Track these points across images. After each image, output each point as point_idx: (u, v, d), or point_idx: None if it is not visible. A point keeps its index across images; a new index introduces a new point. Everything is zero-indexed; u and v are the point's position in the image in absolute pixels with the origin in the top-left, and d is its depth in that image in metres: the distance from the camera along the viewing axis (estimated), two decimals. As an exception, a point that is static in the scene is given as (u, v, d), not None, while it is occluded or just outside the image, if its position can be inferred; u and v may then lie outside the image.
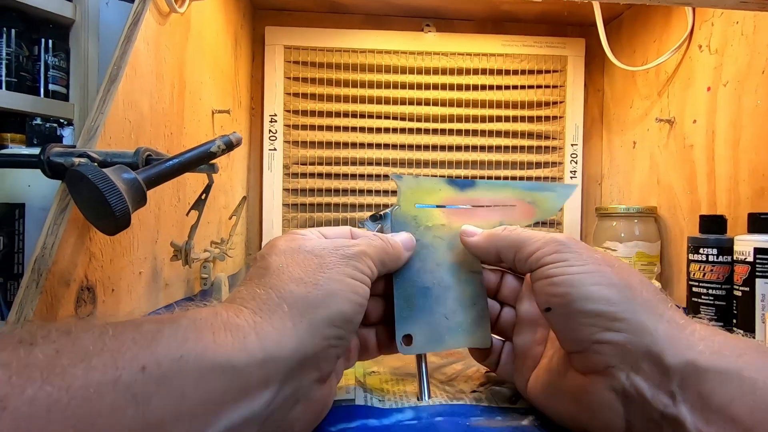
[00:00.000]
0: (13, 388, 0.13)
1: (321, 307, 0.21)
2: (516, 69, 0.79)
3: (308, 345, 0.21)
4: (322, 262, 0.23)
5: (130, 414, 0.15)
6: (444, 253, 0.30)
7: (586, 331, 0.22)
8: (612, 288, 0.22)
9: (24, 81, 0.62)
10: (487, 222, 0.31)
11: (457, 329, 0.29)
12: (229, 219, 0.65)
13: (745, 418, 0.18)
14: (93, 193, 0.25)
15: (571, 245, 0.24)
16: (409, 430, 0.25)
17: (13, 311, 0.27)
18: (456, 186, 0.31)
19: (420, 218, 0.30)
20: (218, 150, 0.33)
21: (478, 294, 0.30)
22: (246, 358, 0.19)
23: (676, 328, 0.21)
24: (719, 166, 0.54)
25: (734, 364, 0.19)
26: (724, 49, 0.54)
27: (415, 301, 0.29)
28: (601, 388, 0.22)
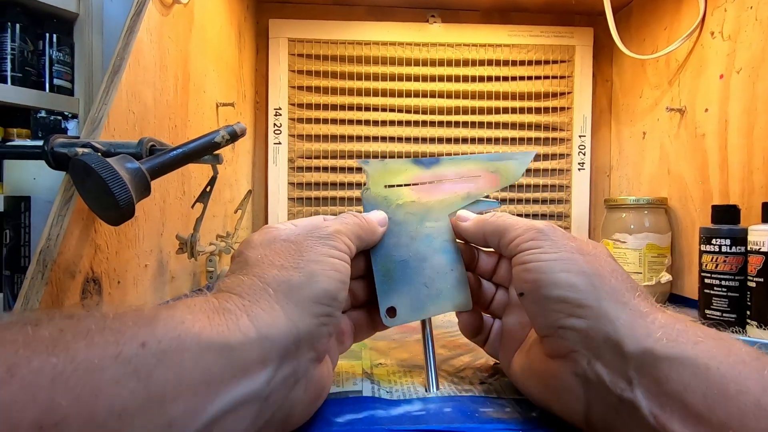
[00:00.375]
0: (19, 359, 0.14)
1: (304, 287, 0.22)
2: (523, 59, 0.78)
3: (300, 324, 0.21)
4: (299, 247, 0.24)
5: (131, 387, 0.15)
6: (417, 227, 0.31)
7: (552, 317, 0.23)
8: (580, 276, 0.23)
9: (29, 76, 0.62)
10: (455, 194, 0.32)
11: (438, 296, 0.30)
12: (235, 213, 0.64)
13: (697, 402, 0.18)
14: (96, 183, 0.25)
15: (548, 233, 0.25)
16: (418, 421, 0.25)
17: (19, 302, 0.27)
18: (421, 164, 0.33)
19: (390, 197, 0.31)
20: (222, 140, 0.32)
21: (454, 260, 0.31)
22: (241, 337, 0.19)
23: (638, 316, 0.22)
24: (732, 155, 0.53)
25: (690, 351, 0.20)
26: (737, 35, 0.53)
27: (394, 274, 0.30)
28: (565, 372, 0.23)
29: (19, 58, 0.61)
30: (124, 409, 0.15)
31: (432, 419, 0.25)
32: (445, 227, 0.32)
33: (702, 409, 0.18)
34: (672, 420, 0.19)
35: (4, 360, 0.14)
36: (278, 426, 0.22)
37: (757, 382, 0.18)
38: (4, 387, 0.13)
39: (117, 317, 0.17)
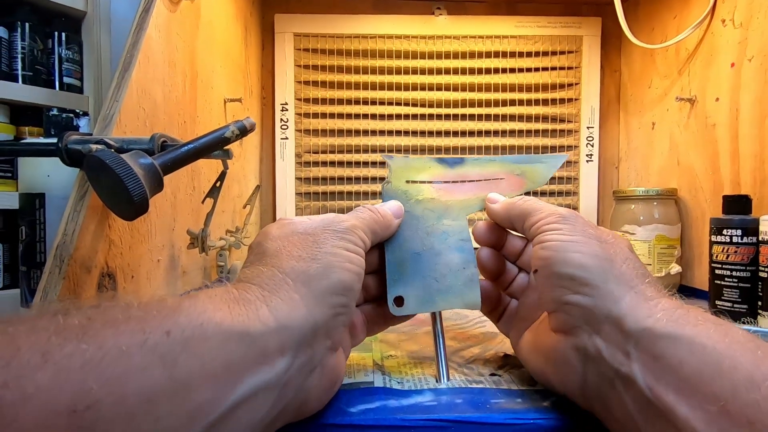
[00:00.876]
0: (52, 346, 0.15)
1: (322, 278, 0.23)
2: (530, 51, 0.78)
3: (317, 313, 0.22)
4: (316, 239, 0.24)
5: (157, 373, 0.16)
6: (434, 224, 0.31)
7: (559, 292, 0.24)
8: (592, 258, 0.24)
9: (39, 74, 0.63)
10: (476, 196, 0.32)
11: (448, 291, 0.30)
12: (243, 208, 0.65)
13: (692, 376, 0.19)
14: (111, 179, 0.25)
15: (570, 218, 0.26)
16: (429, 411, 0.25)
17: (38, 296, 0.28)
18: (445, 164, 0.33)
19: (410, 192, 0.32)
20: (232, 135, 0.33)
21: (468, 260, 0.31)
22: (261, 326, 0.20)
23: (643, 299, 0.23)
24: (743, 145, 0.52)
25: (689, 331, 0.20)
26: (749, 23, 0.52)
27: (406, 265, 0.30)
28: (566, 345, 0.24)
29: (29, 57, 0.62)
30: (152, 394, 0.16)
31: (443, 409, 0.26)
32: (462, 227, 0.32)
33: (696, 383, 0.19)
34: (667, 391, 0.20)
35: (38, 346, 0.15)
36: (294, 412, 0.23)
37: (750, 360, 0.19)
38: (39, 372, 0.14)
39: (141, 307, 0.18)
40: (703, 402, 0.19)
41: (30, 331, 0.15)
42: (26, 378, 0.14)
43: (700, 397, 0.19)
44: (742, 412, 0.18)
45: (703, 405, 0.19)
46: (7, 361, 0.14)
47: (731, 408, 0.18)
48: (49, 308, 0.17)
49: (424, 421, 0.25)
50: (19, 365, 0.14)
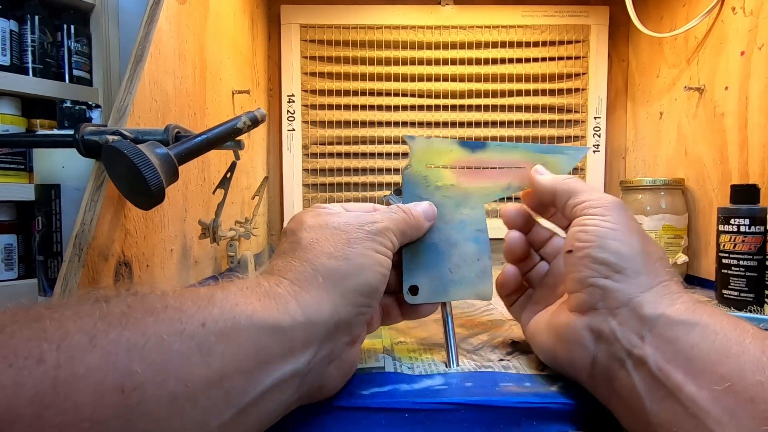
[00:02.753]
0: (98, 331, 0.16)
1: (351, 278, 0.23)
2: (537, 41, 0.77)
3: (342, 312, 0.23)
4: (349, 237, 0.25)
5: (195, 360, 0.17)
6: (452, 212, 0.31)
7: (587, 273, 0.25)
8: (628, 248, 0.25)
9: (49, 67, 0.63)
10: (495, 183, 0.32)
11: (461, 282, 0.31)
12: (252, 199, 0.66)
13: (702, 358, 0.20)
14: (128, 169, 0.26)
15: (615, 208, 0.26)
16: (440, 395, 0.26)
17: (59, 284, 0.29)
18: (467, 147, 0.32)
19: (430, 178, 0.31)
20: (244, 126, 0.33)
21: (482, 251, 0.31)
22: (290, 321, 0.21)
23: (666, 291, 0.24)
24: (752, 135, 0.52)
25: (702, 320, 0.21)
26: (759, 10, 0.51)
27: (421, 255, 0.30)
28: (580, 325, 0.25)
29: (39, 50, 0.62)
30: (190, 380, 0.17)
31: (454, 393, 0.26)
32: (479, 216, 0.32)
33: (705, 364, 0.20)
34: (677, 372, 0.21)
35: (86, 331, 0.16)
36: (311, 397, 0.24)
37: (759, 347, 0.20)
38: (89, 354, 0.15)
39: (176, 297, 0.19)
40: (710, 382, 0.20)
41: (76, 316, 0.16)
42: (77, 359, 0.15)
43: (707, 377, 0.20)
44: (746, 391, 0.19)
45: (710, 385, 0.19)
46: (58, 344, 0.15)
47: (736, 388, 0.19)
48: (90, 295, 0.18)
49: (434, 404, 0.25)
50: (69, 347, 0.15)
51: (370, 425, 0.25)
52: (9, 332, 0.15)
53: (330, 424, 0.25)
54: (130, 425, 0.15)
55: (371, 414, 0.25)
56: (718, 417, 0.19)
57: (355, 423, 0.25)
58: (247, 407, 0.19)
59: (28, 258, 0.65)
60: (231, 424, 0.18)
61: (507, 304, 0.34)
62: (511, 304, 0.34)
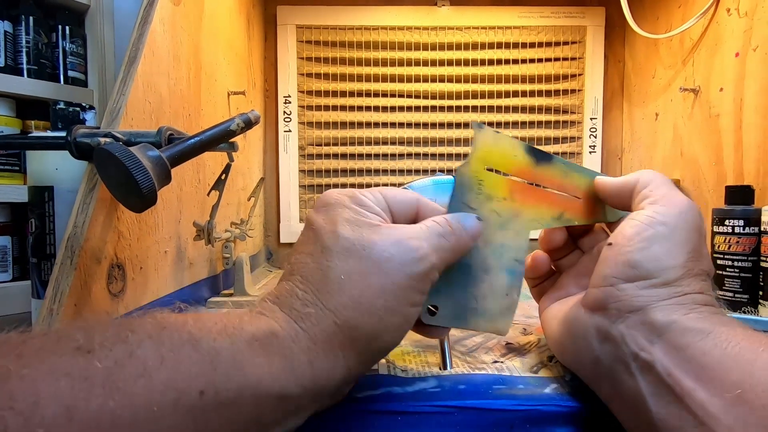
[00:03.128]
0: (77, 400, 0.14)
1: (373, 339, 0.21)
2: (533, 42, 0.77)
3: (353, 371, 0.22)
4: (384, 284, 0.21)
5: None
6: (494, 232, 0.28)
7: (615, 272, 0.24)
8: (672, 260, 0.23)
9: (44, 68, 0.63)
10: (549, 208, 0.29)
11: (483, 314, 0.28)
12: (248, 200, 0.66)
13: (713, 365, 0.20)
14: (120, 171, 0.26)
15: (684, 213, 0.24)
16: (433, 398, 0.26)
17: (50, 288, 0.28)
18: (533, 156, 0.28)
19: (484, 184, 0.28)
20: (237, 128, 0.33)
21: (513, 285, 0.28)
22: (300, 390, 0.19)
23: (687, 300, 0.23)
24: (747, 136, 0.52)
25: (715, 329, 0.21)
26: (754, 12, 0.51)
27: (451, 274, 0.27)
28: (589, 323, 0.25)
29: (33, 51, 0.62)
30: None
31: (447, 396, 0.26)
32: (521, 245, 0.28)
33: (716, 371, 0.20)
34: (686, 378, 0.20)
35: (61, 399, 0.13)
36: None
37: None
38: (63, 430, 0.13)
39: (173, 349, 0.16)
40: (722, 389, 0.19)
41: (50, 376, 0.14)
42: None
43: (718, 384, 0.19)
44: (759, 398, 0.18)
45: (721, 392, 0.19)
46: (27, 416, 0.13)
47: (748, 395, 0.18)
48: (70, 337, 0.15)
49: (428, 407, 0.25)
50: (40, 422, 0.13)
51: (363, 428, 0.25)
52: None
53: (323, 427, 0.25)
54: None
55: (364, 417, 0.25)
56: (729, 425, 0.18)
57: (347, 426, 0.25)
58: None
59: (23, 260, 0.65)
60: None
61: (530, 285, 0.34)
62: (534, 285, 0.33)
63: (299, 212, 0.78)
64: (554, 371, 0.30)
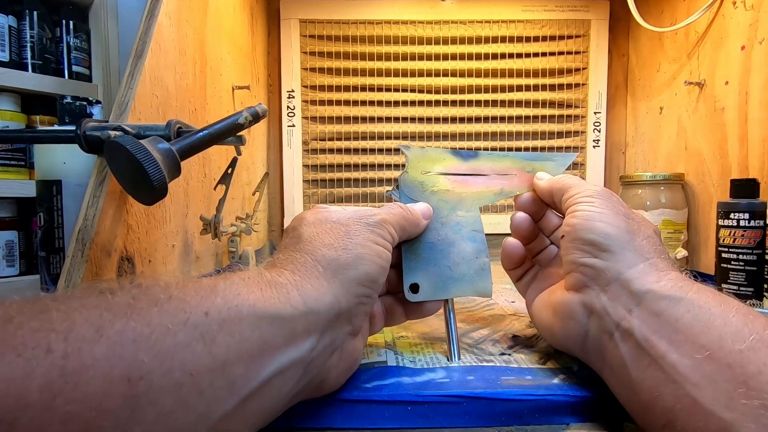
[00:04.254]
0: (104, 322, 0.16)
1: (350, 268, 0.24)
2: (537, 35, 0.77)
3: (342, 301, 0.23)
4: (348, 229, 0.25)
5: (198, 349, 0.17)
6: (448, 214, 0.32)
7: (578, 254, 0.27)
8: (615, 229, 0.26)
9: (49, 63, 0.63)
10: (488, 189, 0.34)
11: (461, 279, 0.32)
12: (253, 195, 0.66)
13: (685, 330, 0.21)
14: (131, 164, 0.26)
15: (603, 195, 0.28)
16: (442, 388, 0.26)
17: (62, 280, 0.29)
18: (459, 156, 0.34)
19: (426, 183, 0.33)
20: (245, 121, 0.33)
21: (479, 249, 0.32)
22: (291, 310, 0.21)
23: (654, 269, 0.25)
24: (752, 129, 0.52)
25: (689, 295, 0.23)
26: (760, 5, 0.51)
27: (420, 254, 0.31)
28: (574, 301, 0.27)
29: (38, 46, 0.62)
30: (194, 368, 0.17)
31: (456, 386, 0.26)
32: (474, 217, 0.33)
33: (688, 334, 0.21)
34: (660, 342, 0.22)
35: (92, 322, 0.16)
36: (313, 390, 0.24)
37: (741, 320, 0.21)
38: (95, 345, 0.15)
39: (179, 288, 0.19)
40: (691, 351, 0.21)
41: (82, 308, 0.16)
42: (84, 350, 0.15)
43: (688, 346, 0.21)
44: (725, 358, 0.20)
45: (691, 353, 0.21)
46: (65, 335, 0.15)
47: (716, 355, 0.20)
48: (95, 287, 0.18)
49: (437, 397, 0.25)
50: (76, 338, 0.15)
51: (374, 417, 0.25)
52: (17, 323, 0.15)
53: (334, 417, 0.25)
54: (136, 414, 0.15)
55: (374, 406, 0.25)
56: (696, 381, 0.20)
57: (358, 415, 0.25)
58: (250, 396, 0.19)
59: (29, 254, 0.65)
60: (234, 413, 0.18)
61: (513, 279, 0.35)
62: (517, 279, 0.35)
63: (303, 207, 0.78)
64: (562, 362, 0.30)
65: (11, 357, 0.14)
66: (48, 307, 0.16)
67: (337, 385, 0.26)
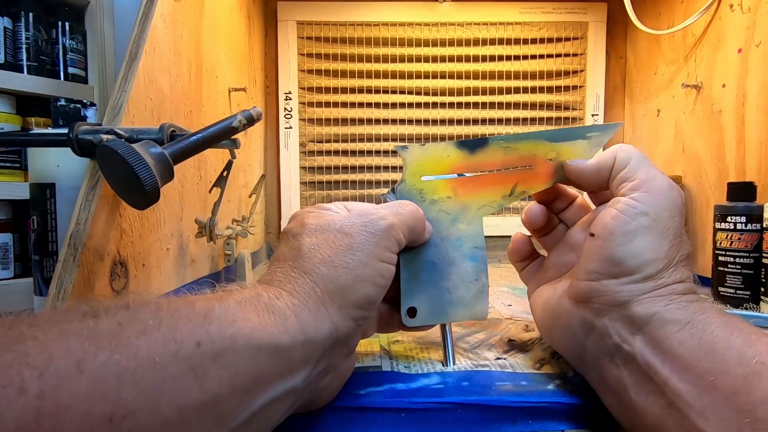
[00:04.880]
0: (86, 354, 0.15)
1: (349, 291, 0.23)
2: (534, 38, 0.77)
3: (340, 327, 0.22)
4: (351, 242, 0.23)
5: (189, 384, 0.16)
6: (448, 228, 0.30)
7: (598, 267, 0.24)
8: (654, 254, 0.23)
9: (44, 65, 0.63)
10: (496, 190, 0.29)
11: (459, 303, 0.30)
12: (249, 197, 0.66)
13: (688, 354, 0.21)
14: (123, 168, 0.26)
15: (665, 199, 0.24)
16: (436, 394, 0.26)
17: (53, 285, 0.28)
18: (466, 148, 0.29)
19: (425, 191, 0.29)
20: (240, 125, 0.33)
21: (479, 269, 0.30)
22: (289, 339, 0.20)
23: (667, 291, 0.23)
24: (749, 132, 0.52)
25: (693, 318, 0.22)
26: (757, 8, 0.51)
27: (420, 275, 0.29)
28: (574, 315, 0.26)
29: (33, 48, 0.62)
30: (183, 404, 0.16)
31: (451, 392, 0.26)
32: (476, 232, 0.30)
33: (691, 360, 0.21)
34: (663, 367, 0.21)
35: (72, 355, 0.14)
36: (303, 407, 0.23)
37: (744, 342, 0.20)
38: (75, 381, 0.14)
39: (170, 312, 0.18)
40: (695, 377, 0.20)
41: (61, 336, 0.15)
42: (62, 388, 0.14)
43: (692, 372, 0.20)
44: (729, 384, 0.19)
45: (695, 380, 0.20)
46: (41, 370, 0.14)
47: (719, 381, 0.20)
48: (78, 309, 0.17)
49: (431, 404, 0.25)
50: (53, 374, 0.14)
51: (367, 425, 0.25)
52: None
53: (327, 424, 0.25)
54: None
55: (368, 413, 0.25)
56: (701, 410, 0.20)
57: (351, 422, 0.25)
58: (243, 425, 0.18)
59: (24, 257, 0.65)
60: None
61: (518, 269, 0.34)
62: (522, 269, 0.33)
63: (300, 209, 0.78)
64: (557, 368, 0.30)
65: None
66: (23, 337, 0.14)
67: (328, 401, 0.25)
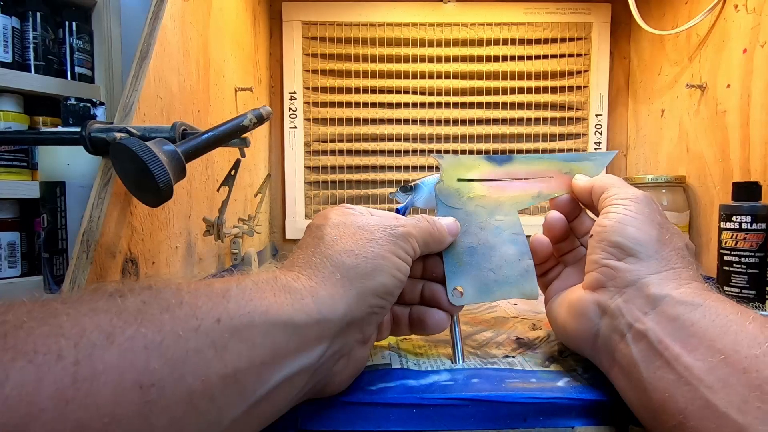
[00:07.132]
0: (115, 328, 0.16)
1: (368, 278, 0.24)
2: (538, 38, 0.77)
3: (355, 310, 0.23)
4: (371, 237, 0.25)
5: (210, 356, 0.17)
6: (486, 219, 0.32)
7: (602, 254, 0.27)
8: (645, 235, 0.26)
9: (51, 64, 0.63)
10: (526, 193, 0.33)
11: (505, 282, 0.31)
12: (255, 197, 0.66)
13: (701, 334, 0.22)
14: (137, 166, 0.26)
15: (641, 200, 0.28)
16: (446, 391, 0.26)
17: (67, 281, 0.29)
18: (494, 162, 0.33)
19: (462, 190, 0.33)
20: (250, 123, 0.33)
21: (522, 252, 0.32)
22: (304, 317, 0.21)
23: (676, 276, 0.25)
24: (754, 132, 0.52)
25: (706, 302, 0.23)
26: (762, 8, 0.51)
27: (462, 258, 0.31)
28: (589, 300, 0.27)
29: (41, 47, 0.62)
30: (206, 375, 0.17)
31: (460, 388, 0.26)
32: (513, 221, 0.33)
33: (704, 339, 0.21)
34: (675, 345, 0.22)
35: (102, 328, 0.15)
36: (317, 392, 0.24)
37: (757, 327, 0.21)
38: (106, 352, 0.15)
39: (191, 292, 0.19)
40: (707, 354, 0.21)
41: (92, 312, 0.16)
42: (95, 357, 0.15)
43: (704, 350, 0.21)
44: (740, 362, 0.20)
45: (706, 357, 0.21)
46: (76, 341, 0.15)
47: (731, 359, 0.20)
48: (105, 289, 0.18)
49: (442, 400, 0.26)
50: (87, 344, 0.15)
51: (379, 420, 0.25)
52: (27, 328, 0.14)
53: (338, 419, 0.25)
54: (148, 422, 0.15)
55: (380, 409, 0.25)
56: (710, 384, 0.20)
57: (364, 418, 0.25)
58: (259, 401, 0.19)
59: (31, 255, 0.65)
60: (243, 418, 0.18)
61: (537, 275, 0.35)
62: (541, 274, 0.35)
63: (305, 208, 0.78)
64: (566, 365, 0.30)
65: (23, 363, 0.14)
66: (58, 312, 0.15)
67: (341, 388, 0.26)
